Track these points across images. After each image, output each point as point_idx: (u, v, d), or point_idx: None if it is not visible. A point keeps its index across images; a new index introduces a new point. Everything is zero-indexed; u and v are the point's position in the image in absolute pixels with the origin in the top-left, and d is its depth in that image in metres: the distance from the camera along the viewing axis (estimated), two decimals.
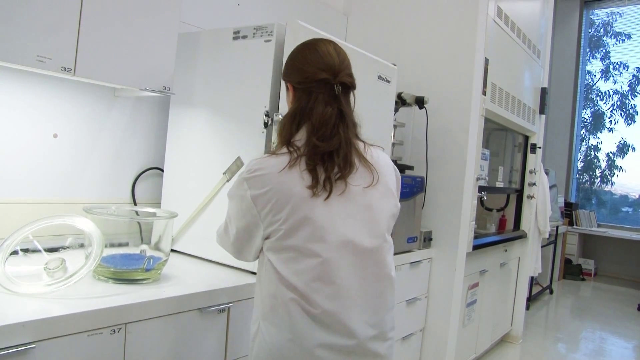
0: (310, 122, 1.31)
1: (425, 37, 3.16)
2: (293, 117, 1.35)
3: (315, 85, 1.33)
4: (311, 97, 1.33)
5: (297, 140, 1.33)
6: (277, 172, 1.29)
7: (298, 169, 1.29)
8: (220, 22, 2.60)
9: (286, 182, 1.28)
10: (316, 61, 1.34)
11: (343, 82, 1.33)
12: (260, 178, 1.30)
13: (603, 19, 8.51)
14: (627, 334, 5.10)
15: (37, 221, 1.59)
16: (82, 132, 2.18)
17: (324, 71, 1.32)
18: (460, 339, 3.23)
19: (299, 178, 1.28)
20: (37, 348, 1.27)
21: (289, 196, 1.27)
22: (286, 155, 1.31)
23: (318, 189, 1.27)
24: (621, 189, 8.36)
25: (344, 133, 1.31)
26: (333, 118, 1.31)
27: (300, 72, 1.35)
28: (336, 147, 1.29)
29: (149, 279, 1.75)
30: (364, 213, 1.33)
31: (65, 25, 1.69)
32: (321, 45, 1.37)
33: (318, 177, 1.28)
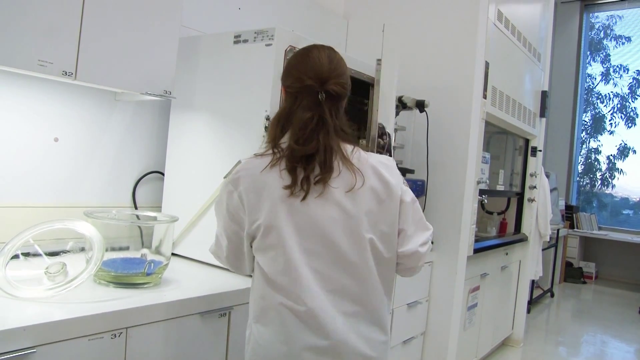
0: (292, 126, 1.34)
1: (426, 41, 3.16)
2: (278, 119, 1.38)
3: (301, 91, 1.35)
4: (296, 101, 1.36)
5: (283, 142, 1.35)
6: (259, 171, 1.33)
7: (278, 169, 1.31)
8: (221, 26, 2.60)
9: (266, 181, 1.31)
10: (305, 67, 1.36)
11: (328, 89, 1.34)
12: (243, 178, 1.34)
13: (603, 22, 8.52)
14: (629, 337, 5.08)
15: (38, 225, 1.60)
16: (83, 136, 2.18)
17: (310, 78, 1.34)
18: (461, 343, 3.22)
19: (278, 178, 1.31)
20: (38, 353, 1.27)
21: (268, 194, 1.31)
22: (269, 156, 1.34)
23: (296, 189, 1.29)
24: (622, 192, 8.35)
25: (323, 139, 1.32)
26: (312, 124, 1.32)
27: (290, 76, 1.39)
28: (313, 151, 1.30)
29: (150, 283, 1.74)
30: (343, 214, 1.32)
31: (67, 29, 1.69)
32: (314, 52, 1.39)
33: (296, 178, 1.30)
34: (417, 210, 1.43)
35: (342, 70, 1.41)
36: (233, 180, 1.36)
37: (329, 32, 3.40)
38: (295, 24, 3.04)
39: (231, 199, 1.36)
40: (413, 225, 1.40)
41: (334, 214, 1.31)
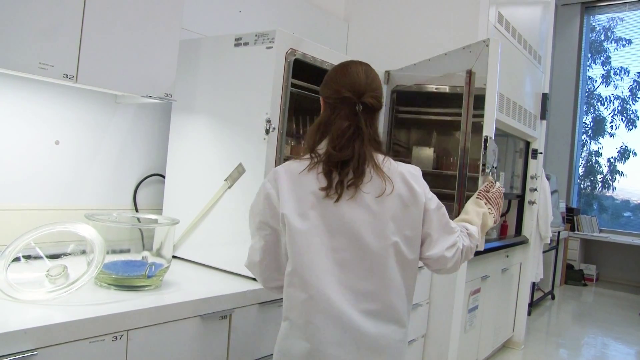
0: (330, 134, 1.44)
1: (426, 44, 3.16)
2: (318, 127, 1.49)
3: (340, 102, 1.45)
4: (334, 111, 1.46)
5: (320, 148, 1.45)
6: (297, 173, 1.43)
7: (315, 172, 1.41)
8: (221, 29, 2.61)
9: (303, 182, 1.42)
10: (344, 81, 1.47)
11: (365, 102, 1.44)
12: (282, 175, 1.44)
13: (604, 24, 8.52)
14: (629, 339, 5.08)
15: (39, 228, 1.60)
16: (84, 138, 2.19)
17: (348, 90, 1.44)
18: (462, 345, 3.22)
19: (315, 180, 1.41)
20: (39, 355, 1.27)
21: (303, 193, 1.41)
22: (307, 160, 1.44)
23: (330, 192, 1.39)
24: (622, 194, 8.34)
25: (358, 147, 1.41)
26: (349, 132, 1.42)
27: (330, 88, 1.49)
28: (348, 158, 1.40)
29: (151, 286, 1.75)
30: (371, 217, 1.41)
31: (67, 32, 1.70)
32: (352, 66, 1.50)
33: (332, 181, 1.39)
34: (443, 215, 1.52)
35: (377, 84, 1.51)
36: (270, 180, 1.45)
37: (329, 34, 3.41)
38: (296, 27, 3.04)
39: (268, 196, 1.44)
40: (438, 231, 1.50)
41: (363, 216, 1.40)
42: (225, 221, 2.10)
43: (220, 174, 2.10)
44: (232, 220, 2.07)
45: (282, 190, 1.41)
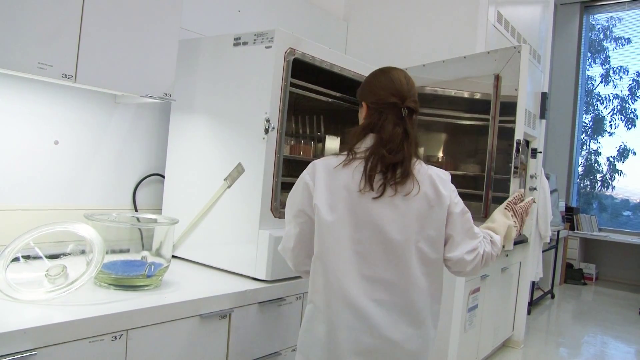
0: (380, 137, 1.51)
1: (426, 43, 3.17)
2: (363, 129, 1.56)
3: (386, 107, 1.53)
4: (382, 116, 1.53)
5: (358, 148, 1.53)
6: (332, 167, 1.51)
7: (351, 169, 1.49)
8: (220, 29, 2.61)
9: (338, 176, 1.50)
10: (388, 87, 1.55)
11: (409, 106, 1.53)
12: (319, 167, 1.53)
13: (603, 24, 8.52)
14: (629, 338, 5.08)
15: (39, 228, 1.60)
16: (83, 138, 2.19)
17: (394, 96, 1.53)
18: (462, 344, 3.22)
19: (350, 175, 1.49)
20: (38, 355, 1.27)
21: (336, 186, 1.50)
22: (344, 157, 1.52)
23: (365, 188, 1.47)
24: (622, 193, 8.34)
25: (407, 149, 1.50)
26: (400, 136, 1.50)
27: (374, 94, 1.57)
28: (400, 160, 1.48)
29: (150, 285, 1.75)
30: (398, 215, 1.50)
31: (66, 32, 1.70)
32: (394, 73, 1.59)
33: (372, 180, 1.47)
34: (467, 220, 1.59)
35: (415, 89, 1.60)
36: (310, 169, 1.54)
37: (329, 34, 3.41)
38: (295, 26, 3.04)
39: (306, 186, 1.53)
40: (461, 234, 1.56)
41: (390, 213, 1.49)
42: (224, 221, 2.10)
43: (219, 173, 2.10)
44: (232, 219, 2.07)
45: (317, 182, 1.51)
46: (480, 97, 2.27)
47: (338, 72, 2.30)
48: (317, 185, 1.51)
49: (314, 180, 1.52)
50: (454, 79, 2.38)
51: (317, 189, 1.51)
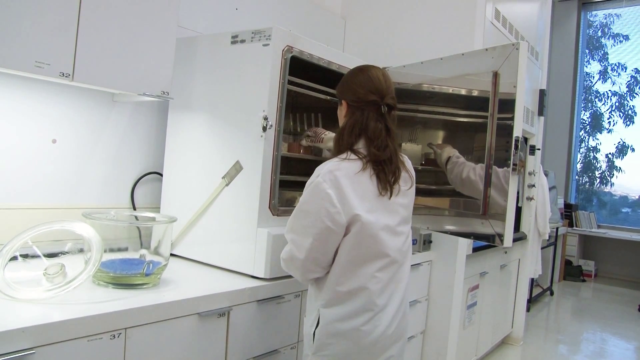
0: (367, 135, 1.58)
1: (423, 40, 3.16)
2: (352, 128, 1.61)
3: (366, 105, 1.60)
4: (364, 114, 1.60)
5: (360, 148, 1.59)
6: (353, 173, 1.55)
7: (368, 173, 1.56)
8: (218, 27, 2.61)
9: (361, 181, 1.55)
10: (367, 85, 1.61)
11: (388, 103, 1.61)
12: (340, 179, 1.53)
13: (601, 21, 8.52)
14: (628, 335, 5.09)
15: (37, 227, 1.60)
16: (81, 137, 2.18)
17: (373, 94, 1.59)
18: (461, 342, 3.23)
19: (369, 179, 1.56)
20: (37, 354, 1.27)
21: (366, 193, 1.55)
22: (357, 161, 1.57)
23: (385, 190, 1.57)
24: (621, 190, 8.36)
25: (392, 144, 1.60)
26: (383, 132, 1.58)
27: (355, 92, 1.62)
28: (388, 156, 1.58)
29: (149, 284, 1.75)
30: (402, 208, 1.65)
31: (64, 30, 1.69)
32: (372, 71, 1.64)
33: (383, 180, 1.57)
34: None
35: (393, 86, 1.67)
36: (328, 178, 1.52)
37: (326, 32, 3.40)
38: (292, 24, 3.04)
39: (327, 196, 1.51)
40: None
41: (400, 209, 1.64)
42: (223, 219, 2.10)
43: (217, 171, 2.10)
44: (230, 217, 2.07)
45: (346, 191, 1.52)
46: (478, 95, 2.26)
47: (336, 70, 2.30)
48: (347, 195, 1.52)
49: (339, 189, 1.51)
50: (451, 76, 2.37)
51: (348, 198, 1.52)
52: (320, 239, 1.53)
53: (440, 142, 2.59)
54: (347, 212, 1.51)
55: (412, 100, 2.60)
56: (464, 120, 2.48)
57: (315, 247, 1.54)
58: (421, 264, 2.96)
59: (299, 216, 1.58)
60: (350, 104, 1.64)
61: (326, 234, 1.53)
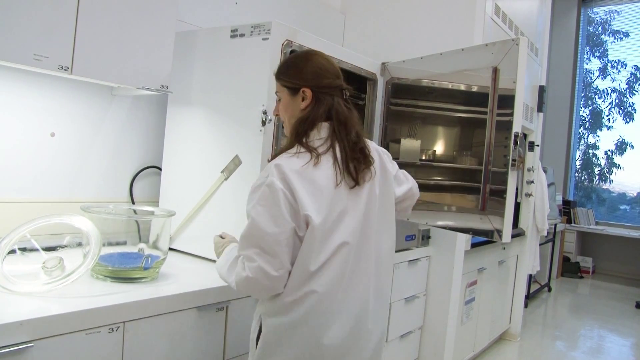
0: (342, 123, 1.47)
1: (423, 36, 3.16)
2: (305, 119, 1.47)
3: (334, 90, 1.50)
4: (334, 100, 1.49)
5: (312, 140, 1.45)
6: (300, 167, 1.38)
7: (324, 165, 1.41)
8: (217, 21, 2.60)
9: (313, 177, 1.39)
10: (331, 69, 1.51)
11: (347, 87, 1.53)
12: (288, 174, 1.37)
13: (601, 17, 8.51)
14: (625, 331, 5.10)
15: (35, 220, 1.60)
16: (80, 131, 2.18)
17: (337, 78, 1.51)
18: (459, 337, 3.23)
19: (323, 173, 1.40)
20: (35, 347, 1.27)
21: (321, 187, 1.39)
22: (306, 154, 1.41)
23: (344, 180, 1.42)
24: (619, 187, 8.37)
25: (359, 129, 1.50)
26: (352, 117, 1.49)
27: (321, 77, 1.49)
28: (356, 141, 1.47)
29: (147, 278, 1.75)
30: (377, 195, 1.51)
31: (62, 23, 1.69)
32: (323, 55, 1.54)
33: (349, 169, 1.43)
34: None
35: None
36: (277, 174, 1.36)
37: (326, 26, 3.39)
38: (292, 18, 3.03)
39: (284, 195, 1.35)
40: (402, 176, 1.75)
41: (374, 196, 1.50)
42: (221, 213, 2.10)
43: (216, 165, 2.10)
44: (229, 212, 2.07)
45: (296, 189, 1.35)
46: (477, 90, 2.26)
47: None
48: (298, 193, 1.35)
49: (289, 187, 1.35)
50: (451, 71, 2.37)
51: (299, 197, 1.35)
52: (290, 243, 1.36)
53: (439, 139, 2.59)
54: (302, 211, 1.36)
55: (411, 95, 2.61)
56: (463, 116, 2.48)
57: (288, 255, 1.36)
58: (419, 260, 2.96)
59: (261, 226, 1.34)
60: (318, 91, 1.48)
61: (294, 238, 1.37)
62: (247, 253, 1.36)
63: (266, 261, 1.33)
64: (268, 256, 1.33)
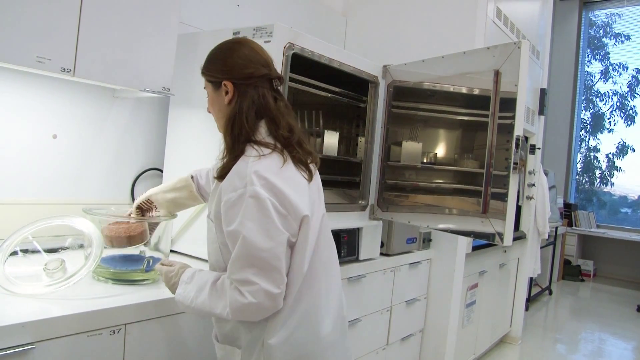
0: (270, 117, 1.36)
1: (424, 39, 3.16)
2: (248, 111, 1.35)
3: (260, 81, 1.37)
4: (259, 92, 1.36)
5: (264, 137, 1.35)
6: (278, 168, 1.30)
7: (291, 163, 1.35)
8: (219, 23, 2.60)
9: (292, 176, 1.33)
10: (255, 57, 1.38)
11: (278, 76, 1.40)
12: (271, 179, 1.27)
13: (602, 20, 8.52)
14: (627, 335, 5.10)
15: (37, 222, 1.60)
16: (82, 133, 2.18)
17: (264, 67, 1.38)
18: (460, 340, 3.23)
19: (296, 170, 1.36)
20: (37, 348, 1.27)
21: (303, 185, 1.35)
22: (273, 153, 1.32)
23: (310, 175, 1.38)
24: (620, 190, 8.36)
25: (294, 122, 1.39)
26: (283, 109, 1.38)
27: (242, 68, 1.37)
28: (297, 139, 1.38)
29: (149, 280, 1.75)
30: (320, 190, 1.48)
31: (65, 26, 1.69)
32: (252, 42, 1.43)
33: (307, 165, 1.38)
34: None
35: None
36: (261, 183, 1.25)
37: (327, 29, 3.40)
38: (294, 21, 3.04)
39: (274, 205, 1.25)
40: None
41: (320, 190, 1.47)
42: None
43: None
44: None
45: (286, 192, 1.27)
46: (479, 93, 2.26)
47: (337, 67, 2.29)
48: (289, 197, 1.27)
49: (276, 193, 1.26)
50: (452, 74, 2.37)
51: (292, 200, 1.27)
52: (286, 255, 1.28)
53: (440, 142, 2.59)
54: (295, 216, 1.29)
55: (412, 98, 2.61)
56: (464, 119, 2.48)
57: (285, 269, 1.28)
58: (420, 262, 2.96)
59: (255, 243, 1.23)
60: (239, 83, 1.36)
61: (287, 248, 1.29)
62: (243, 276, 1.23)
63: (267, 280, 1.23)
64: (267, 274, 1.23)
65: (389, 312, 2.76)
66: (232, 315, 1.26)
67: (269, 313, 1.27)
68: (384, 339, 2.77)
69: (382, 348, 2.75)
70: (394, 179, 2.63)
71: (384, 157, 2.61)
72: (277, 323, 1.31)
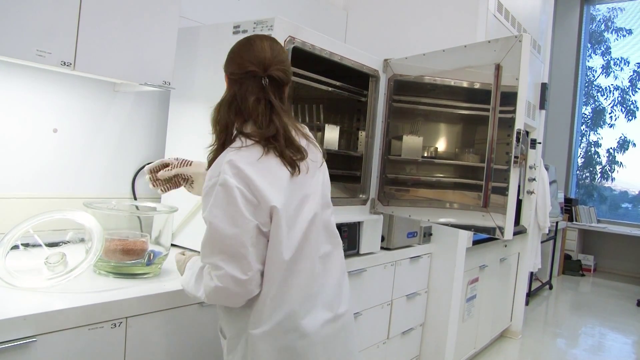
0: (247, 111, 1.40)
1: (425, 33, 3.15)
2: (230, 104, 1.42)
3: (245, 77, 1.41)
4: (242, 87, 1.41)
5: (246, 129, 1.40)
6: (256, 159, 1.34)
7: (273, 155, 1.37)
8: (220, 17, 2.59)
9: (270, 167, 1.36)
10: (249, 55, 1.42)
11: (271, 75, 1.41)
12: (243, 169, 1.31)
13: (604, 14, 8.49)
14: (627, 329, 5.11)
15: (38, 216, 1.60)
16: (83, 127, 2.18)
17: (253, 64, 1.40)
18: (460, 334, 3.24)
19: (277, 162, 1.37)
20: (39, 341, 1.28)
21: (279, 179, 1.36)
22: (256, 145, 1.37)
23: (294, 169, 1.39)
24: (621, 185, 8.36)
25: (278, 120, 1.40)
26: (261, 107, 1.39)
27: (234, 63, 1.44)
28: (273, 133, 1.38)
29: (150, 274, 1.75)
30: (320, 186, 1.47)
31: (65, 19, 1.69)
32: (257, 41, 1.45)
33: (293, 162, 1.39)
34: None
35: (284, 57, 1.48)
36: (230, 171, 1.30)
37: (328, 23, 3.39)
38: (294, 15, 3.03)
39: (241, 192, 1.29)
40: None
41: (317, 186, 1.46)
42: None
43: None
44: None
45: (258, 182, 1.30)
46: (480, 87, 2.26)
47: (337, 61, 2.29)
48: (258, 186, 1.30)
49: (246, 182, 1.29)
50: (454, 68, 2.37)
51: (261, 189, 1.30)
52: (261, 241, 1.32)
53: (441, 136, 2.59)
54: (265, 205, 1.31)
55: (413, 92, 2.60)
56: (465, 113, 2.48)
57: (260, 255, 1.31)
58: (421, 256, 2.97)
59: (219, 229, 1.29)
60: (231, 77, 1.44)
61: (257, 236, 1.31)
62: (212, 261, 1.31)
63: (233, 266, 1.28)
64: (234, 260, 1.28)
65: (389, 306, 2.76)
66: (207, 298, 1.34)
67: (241, 298, 1.32)
68: (385, 333, 2.77)
69: (383, 342, 2.76)
70: (394, 173, 2.63)
71: (385, 151, 2.61)
72: (261, 313, 1.33)
